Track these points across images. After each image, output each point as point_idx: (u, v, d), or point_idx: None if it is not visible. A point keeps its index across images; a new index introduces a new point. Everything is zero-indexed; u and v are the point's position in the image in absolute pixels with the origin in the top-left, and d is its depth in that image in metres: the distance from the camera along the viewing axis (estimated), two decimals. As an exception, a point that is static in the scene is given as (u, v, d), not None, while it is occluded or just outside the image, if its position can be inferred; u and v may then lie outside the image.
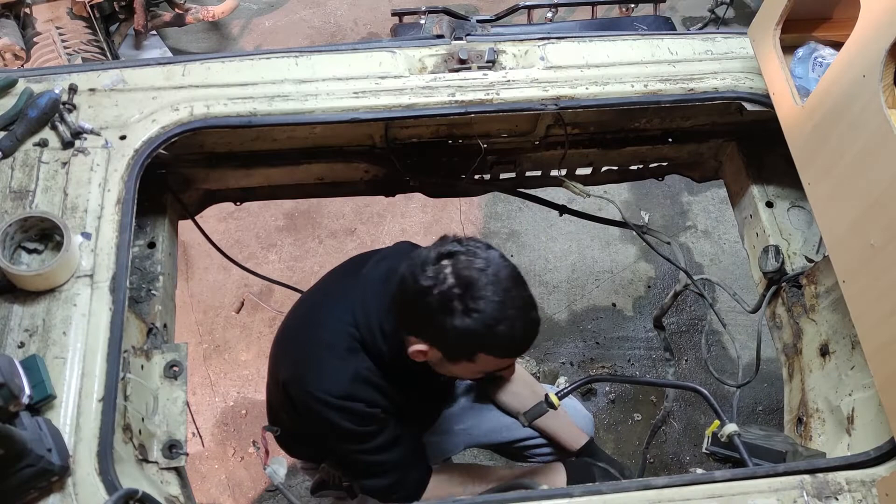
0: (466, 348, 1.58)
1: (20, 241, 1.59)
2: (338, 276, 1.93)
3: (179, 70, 1.84)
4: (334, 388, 1.68)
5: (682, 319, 3.39)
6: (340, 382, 1.68)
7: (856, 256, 1.49)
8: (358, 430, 1.71)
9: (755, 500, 1.44)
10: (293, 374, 1.75)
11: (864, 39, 1.49)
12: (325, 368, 1.70)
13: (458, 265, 1.53)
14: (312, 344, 1.75)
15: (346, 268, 1.94)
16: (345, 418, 1.69)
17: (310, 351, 1.74)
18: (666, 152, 2.30)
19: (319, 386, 1.68)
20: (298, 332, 1.84)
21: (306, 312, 1.88)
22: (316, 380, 1.69)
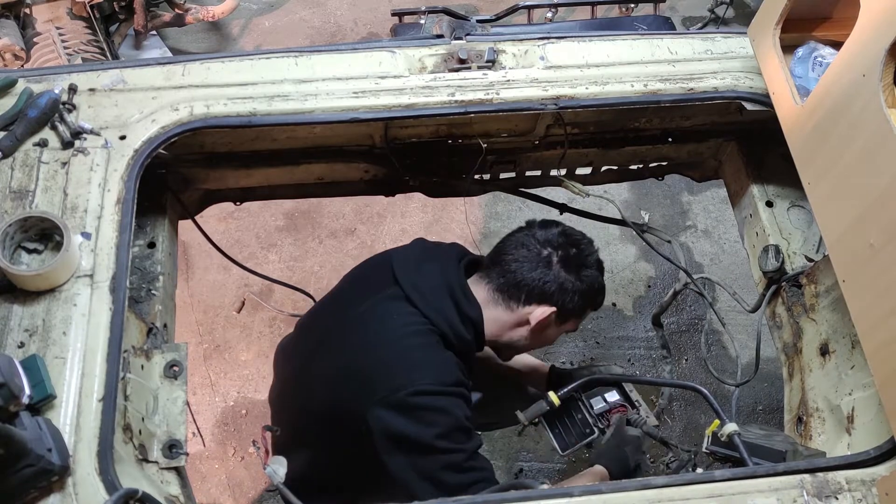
0: (584, 303, 1.85)
1: (20, 241, 1.59)
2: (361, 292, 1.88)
3: (179, 70, 1.84)
4: (446, 376, 1.70)
5: (682, 319, 3.39)
6: (450, 369, 1.71)
7: (856, 256, 1.49)
8: (465, 424, 1.70)
9: (755, 499, 1.44)
10: (392, 385, 1.67)
11: (864, 39, 1.49)
12: (429, 360, 1.71)
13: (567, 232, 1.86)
14: (396, 352, 1.72)
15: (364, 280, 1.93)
16: (459, 406, 1.69)
17: (399, 357, 1.71)
18: (666, 152, 2.30)
19: (430, 378, 1.67)
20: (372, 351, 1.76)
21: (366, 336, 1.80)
22: (425, 373, 1.68)
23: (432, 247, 1.97)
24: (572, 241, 1.83)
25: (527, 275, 1.79)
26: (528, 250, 1.81)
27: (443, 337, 1.74)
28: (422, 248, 1.95)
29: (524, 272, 1.79)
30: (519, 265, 1.80)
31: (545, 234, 1.83)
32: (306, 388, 1.91)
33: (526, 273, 1.79)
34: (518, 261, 1.80)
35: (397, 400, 1.67)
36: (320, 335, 1.92)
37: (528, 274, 1.79)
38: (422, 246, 1.96)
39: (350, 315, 1.86)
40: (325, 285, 3.37)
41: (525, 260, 1.80)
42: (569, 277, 1.80)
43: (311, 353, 1.92)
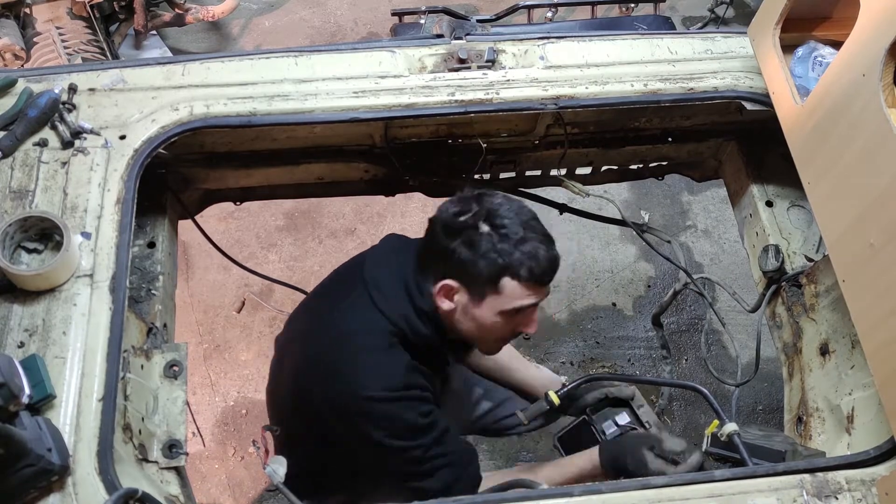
0: (494, 273, 1.62)
1: (20, 241, 1.59)
2: (337, 291, 1.89)
3: (179, 70, 1.84)
4: (392, 382, 1.68)
5: (682, 319, 3.39)
6: (396, 375, 1.68)
7: (855, 256, 1.49)
8: (420, 423, 1.70)
9: (755, 499, 1.44)
10: (344, 390, 1.69)
11: (864, 39, 1.49)
12: (377, 368, 1.69)
13: (481, 199, 1.66)
14: (350, 354, 1.72)
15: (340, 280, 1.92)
16: (407, 409, 1.68)
17: (352, 361, 1.71)
18: (666, 152, 2.30)
19: (377, 385, 1.66)
20: (325, 351, 1.77)
21: (322, 333, 1.82)
22: (371, 381, 1.67)
23: (402, 242, 1.91)
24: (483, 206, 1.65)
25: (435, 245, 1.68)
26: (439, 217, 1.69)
27: (402, 334, 1.72)
28: (391, 245, 1.91)
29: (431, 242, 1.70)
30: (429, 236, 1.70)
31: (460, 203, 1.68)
32: (281, 381, 1.93)
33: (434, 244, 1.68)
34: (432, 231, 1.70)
35: (347, 405, 1.70)
36: (295, 330, 1.95)
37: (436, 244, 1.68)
38: (391, 242, 1.93)
39: (320, 312, 1.88)
40: (325, 285, 3.37)
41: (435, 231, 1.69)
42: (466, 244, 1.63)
43: (288, 346, 1.94)
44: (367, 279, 1.77)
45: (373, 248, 1.92)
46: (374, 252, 1.88)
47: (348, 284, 1.84)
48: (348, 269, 1.92)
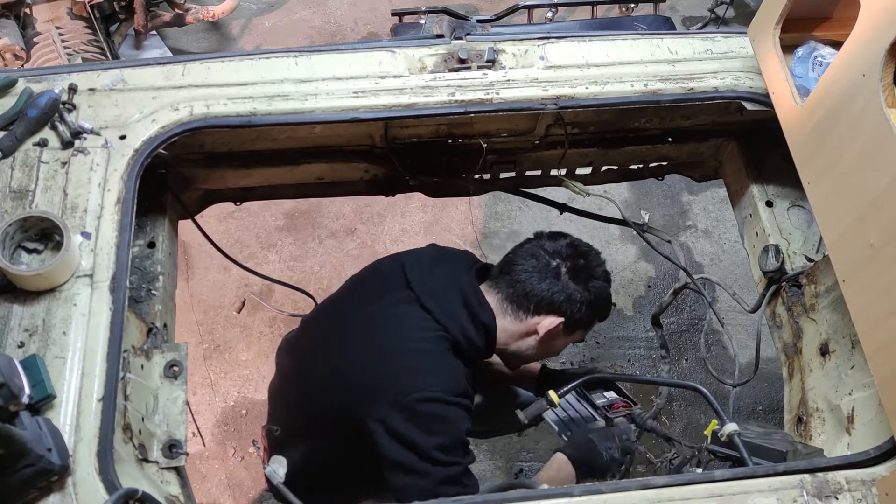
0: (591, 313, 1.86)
1: (20, 241, 1.59)
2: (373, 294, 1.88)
3: (179, 70, 1.84)
4: (455, 386, 1.70)
5: (682, 319, 3.39)
6: (459, 379, 1.72)
7: (855, 256, 1.49)
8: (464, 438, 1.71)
9: (755, 499, 1.44)
10: (401, 389, 1.67)
11: (864, 39, 1.49)
12: (440, 368, 1.71)
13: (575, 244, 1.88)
14: (406, 356, 1.72)
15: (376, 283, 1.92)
16: (463, 418, 1.70)
17: (410, 362, 1.71)
18: (666, 152, 2.30)
19: (439, 386, 1.67)
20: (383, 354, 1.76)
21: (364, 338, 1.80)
22: (435, 380, 1.68)
23: (444, 252, 1.98)
24: (581, 253, 1.86)
25: (536, 285, 1.80)
26: (537, 261, 1.82)
27: (454, 344, 1.75)
28: (434, 253, 1.96)
29: (533, 282, 1.80)
30: (528, 275, 1.81)
31: (554, 245, 1.85)
32: (304, 385, 1.92)
33: (535, 283, 1.80)
34: (528, 271, 1.81)
35: (405, 403, 1.67)
36: (323, 334, 1.93)
37: (537, 284, 1.80)
38: (434, 250, 1.98)
39: (357, 316, 1.86)
40: (325, 285, 3.38)
41: (534, 270, 1.81)
42: (577, 288, 1.81)
43: (313, 351, 1.92)
44: (415, 287, 1.79)
45: (411, 256, 1.93)
46: (417, 259, 1.89)
47: (386, 288, 1.85)
48: (384, 274, 1.92)
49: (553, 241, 1.87)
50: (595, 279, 1.84)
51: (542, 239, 1.88)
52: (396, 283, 1.82)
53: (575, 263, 1.83)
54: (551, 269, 1.81)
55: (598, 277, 1.85)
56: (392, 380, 1.70)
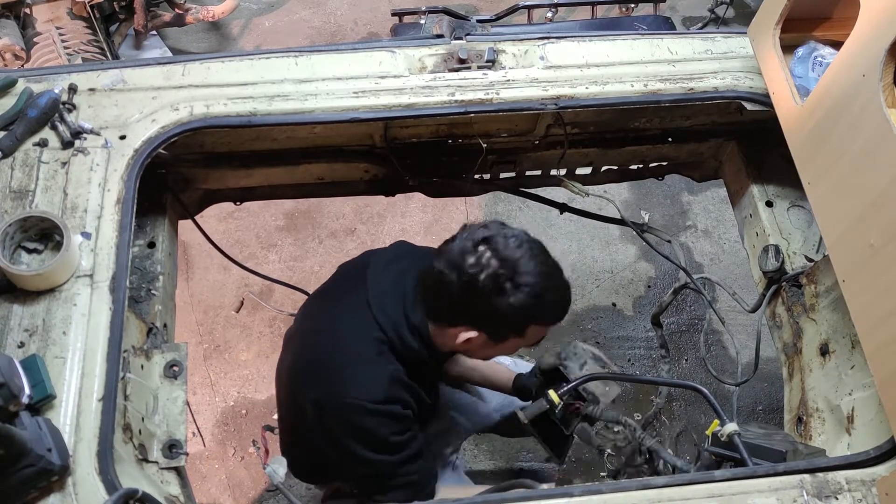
0: (519, 323, 1.66)
1: (20, 241, 1.59)
2: (340, 290, 1.90)
3: (179, 70, 1.84)
4: (374, 393, 1.67)
5: (682, 319, 3.39)
6: (379, 386, 1.68)
7: (855, 256, 1.49)
8: (392, 440, 1.71)
9: (755, 499, 1.44)
10: (326, 391, 1.71)
11: (864, 39, 1.49)
12: (361, 375, 1.69)
13: (496, 247, 1.61)
14: (340, 357, 1.72)
15: (345, 278, 1.92)
16: (384, 424, 1.69)
17: (339, 364, 1.72)
18: (666, 152, 2.30)
19: (358, 394, 1.66)
20: (319, 350, 1.79)
21: (320, 330, 1.83)
22: (354, 388, 1.67)
23: (408, 251, 1.92)
24: (503, 258, 1.60)
25: (440, 298, 1.67)
26: (452, 270, 1.63)
27: (392, 344, 1.71)
28: (397, 252, 1.91)
29: (436, 294, 1.67)
30: (441, 287, 1.65)
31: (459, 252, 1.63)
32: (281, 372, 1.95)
33: (438, 295, 1.67)
34: (443, 282, 1.64)
35: (328, 405, 1.71)
36: (298, 326, 1.96)
37: (439, 296, 1.67)
38: (399, 249, 1.93)
39: (319, 310, 1.90)
40: (325, 285, 3.37)
41: (437, 282, 1.65)
42: (476, 303, 1.62)
43: (290, 341, 1.96)
44: (368, 283, 1.77)
45: (380, 252, 1.92)
46: (381, 256, 1.88)
47: (350, 285, 1.84)
48: (353, 268, 1.92)
49: (460, 245, 1.64)
50: (501, 295, 1.60)
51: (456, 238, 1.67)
52: (358, 282, 1.81)
53: (494, 274, 1.59)
54: (447, 282, 1.62)
55: (504, 293, 1.60)
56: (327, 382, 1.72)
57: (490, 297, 1.60)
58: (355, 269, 1.89)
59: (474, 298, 1.61)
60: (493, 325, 1.66)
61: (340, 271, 1.98)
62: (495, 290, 1.59)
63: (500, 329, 1.67)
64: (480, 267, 1.59)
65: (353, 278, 1.84)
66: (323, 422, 1.73)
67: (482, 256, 1.60)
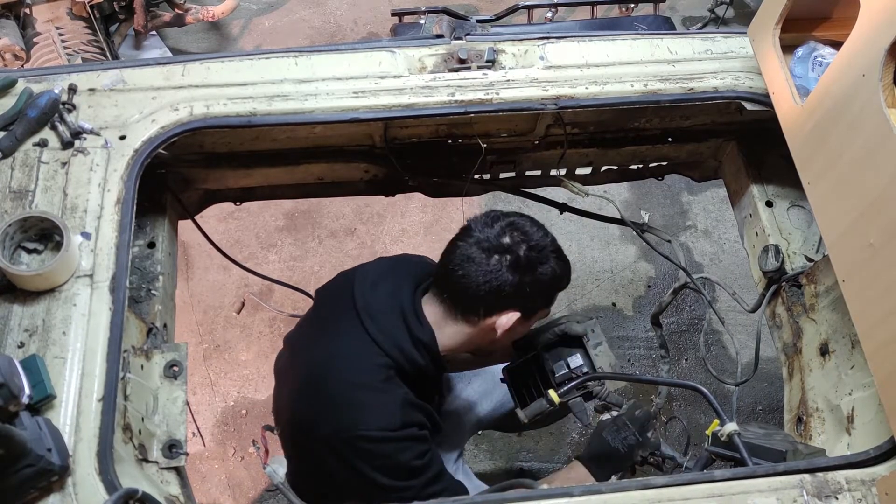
0: (553, 291, 1.78)
1: (20, 241, 1.59)
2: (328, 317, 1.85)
3: (179, 70, 1.84)
4: (390, 422, 1.65)
5: (682, 319, 3.39)
6: (393, 414, 1.65)
7: (855, 256, 1.49)
8: (415, 464, 1.68)
9: (755, 499, 1.44)
10: (338, 427, 1.68)
11: (864, 39, 1.49)
12: (373, 406, 1.66)
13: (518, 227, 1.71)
14: (346, 390, 1.69)
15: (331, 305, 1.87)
16: (404, 450, 1.66)
17: (347, 398, 1.68)
18: (666, 152, 2.30)
19: (374, 425, 1.64)
20: (321, 385, 1.74)
21: (318, 363, 1.78)
22: (367, 420, 1.64)
23: (392, 265, 1.90)
24: (520, 239, 1.69)
25: (481, 288, 1.67)
26: (474, 263, 1.67)
27: (397, 365, 1.69)
28: (381, 268, 1.88)
29: (476, 287, 1.67)
30: (469, 280, 1.67)
31: (489, 241, 1.68)
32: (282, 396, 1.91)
33: (479, 287, 1.67)
34: (468, 276, 1.67)
35: (342, 440, 1.67)
36: (294, 349, 1.91)
37: (481, 287, 1.67)
38: (382, 265, 1.91)
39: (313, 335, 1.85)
40: (325, 285, 3.37)
41: (475, 274, 1.67)
42: (524, 280, 1.68)
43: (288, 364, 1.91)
44: (358, 306, 1.74)
45: (359, 271, 1.88)
46: (364, 275, 1.84)
47: (338, 311, 1.79)
48: (335, 292, 1.88)
49: (486, 235, 1.69)
50: (542, 264, 1.70)
51: (473, 233, 1.71)
52: (346, 304, 1.77)
53: (516, 254, 1.67)
54: (492, 270, 1.66)
55: (545, 261, 1.71)
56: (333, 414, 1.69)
57: (535, 269, 1.69)
58: (338, 292, 1.84)
59: (521, 275, 1.68)
60: (531, 300, 1.73)
61: (321, 298, 1.93)
62: (532, 263, 1.69)
63: (536, 302, 1.75)
64: (517, 243, 1.68)
65: (339, 304, 1.80)
66: (340, 458, 1.69)
67: (513, 234, 1.69)
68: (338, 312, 1.79)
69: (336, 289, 1.89)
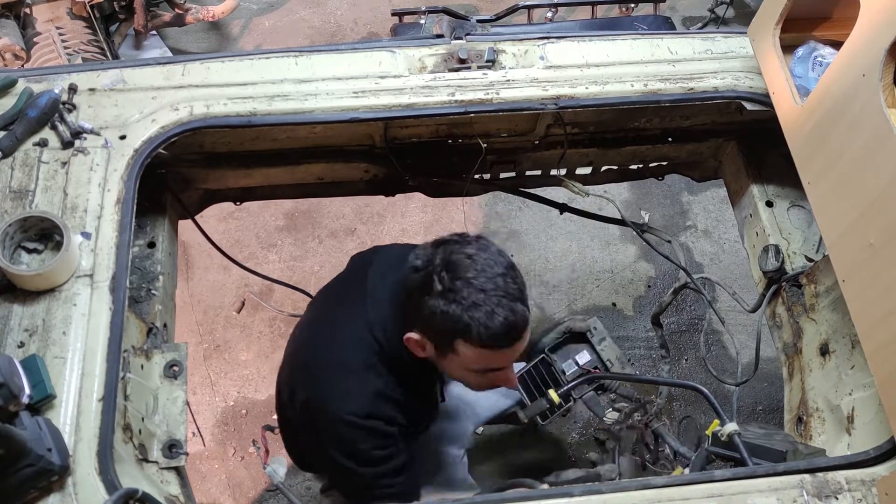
0: (447, 334, 1.55)
1: (20, 241, 1.59)
2: (345, 289, 1.88)
3: (179, 70, 1.84)
4: (356, 407, 1.66)
5: (682, 319, 3.39)
6: (362, 401, 1.67)
7: (855, 256, 1.49)
8: (373, 455, 1.70)
9: (755, 499, 1.44)
10: (313, 395, 1.72)
11: (864, 39, 1.49)
12: (347, 388, 1.68)
13: (447, 250, 1.56)
14: (330, 364, 1.72)
15: (352, 277, 1.90)
16: (366, 439, 1.68)
17: (329, 371, 1.71)
18: (666, 152, 2.30)
19: (342, 406, 1.66)
20: (314, 352, 1.78)
21: (318, 331, 1.83)
22: (338, 400, 1.67)
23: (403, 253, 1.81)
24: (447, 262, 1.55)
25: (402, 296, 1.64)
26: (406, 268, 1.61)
27: (381, 350, 1.68)
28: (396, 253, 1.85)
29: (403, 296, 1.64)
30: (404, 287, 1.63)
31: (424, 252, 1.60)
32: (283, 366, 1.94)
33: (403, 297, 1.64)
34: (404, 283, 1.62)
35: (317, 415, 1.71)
36: (306, 318, 1.95)
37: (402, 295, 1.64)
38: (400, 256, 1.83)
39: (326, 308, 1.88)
40: (325, 285, 3.37)
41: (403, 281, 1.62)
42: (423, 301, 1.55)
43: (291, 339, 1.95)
44: (367, 288, 1.74)
45: (385, 253, 1.88)
46: (384, 259, 1.84)
47: (354, 286, 1.81)
48: (359, 265, 1.89)
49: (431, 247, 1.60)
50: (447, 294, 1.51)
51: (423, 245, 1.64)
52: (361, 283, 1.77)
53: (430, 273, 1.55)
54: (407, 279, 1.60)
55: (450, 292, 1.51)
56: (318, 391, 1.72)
57: (420, 296, 1.55)
58: (361, 266, 1.86)
59: (411, 294, 1.58)
60: (430, 330, 1.58)
61: (351, 265, 1.95)
62: (424, 287, 1.54)
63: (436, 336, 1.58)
64: (425, 264, 1.55)
65: (357, 279, 1.82)
66: (310, 424, 1.74)
67: (433, 255, 1.56)
68: (353, 287, 1.81)
69: (362, 262, 1.88)
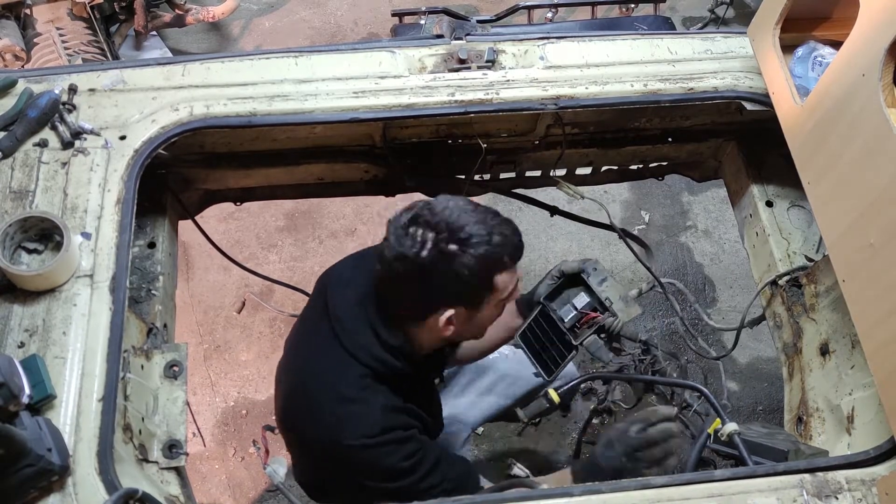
0: (484, 279, 1.60)
1: (20, 241, 1.59)
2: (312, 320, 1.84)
3: (179, 70, 1.84)
4: (369, 429, 1.64)
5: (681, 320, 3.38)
6: (373, 420, 1.65)
7: (855, 256, 1.49)
8: (403, 466, 1.67)
9: (755, 499, 1.44)
10: (322, 435, 1.69)
11: (864, 39, 1.49)
12: (352, 417, 1.66)
13: (425, 220, 1.57)
14: (326, 400, 1.69)
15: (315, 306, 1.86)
16: (388, 455, 1.65)
17: (329, 407, 1.68)
18: (666, 152, 2.30)
19: (354, 434, 1.63)
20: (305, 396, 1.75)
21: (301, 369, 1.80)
22: (348, 430, 1.64)
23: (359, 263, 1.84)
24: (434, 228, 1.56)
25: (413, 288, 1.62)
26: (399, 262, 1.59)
27: (374, 372, 1.68)
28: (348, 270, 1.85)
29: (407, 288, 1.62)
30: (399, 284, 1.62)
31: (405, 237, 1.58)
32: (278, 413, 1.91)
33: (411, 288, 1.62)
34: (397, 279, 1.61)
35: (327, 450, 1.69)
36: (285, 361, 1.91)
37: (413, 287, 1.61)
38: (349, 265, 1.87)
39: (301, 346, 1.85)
40: (325, 285, 3.37)
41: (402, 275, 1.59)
42: (440, 282, 1.58)
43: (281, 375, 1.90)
44: (331, 314, 1.73)
45: (333, 273, 1.86)
46: (335, 278, 1.83)
47: (316, 317, 1.79)
48: (317, 296, 1.87)
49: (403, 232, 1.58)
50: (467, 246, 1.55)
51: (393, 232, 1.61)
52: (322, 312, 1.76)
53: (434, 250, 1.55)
54: (416, 267, 1.57)
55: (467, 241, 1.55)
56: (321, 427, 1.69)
57: (446, 268, 1.55)
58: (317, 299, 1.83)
59: (432, 276, 1.57)
60: (463, 293, 1.61)
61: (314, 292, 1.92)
62: (445, 258, 1.55)
63: (473, 293, 1.62)
64: (420, 244, 1.55)
65: (317, 312, 1.79)
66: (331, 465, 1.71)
67: (416, 234, 1.56)
68: (317, 320, 1.78)
69: (316, 295, 1.88)
